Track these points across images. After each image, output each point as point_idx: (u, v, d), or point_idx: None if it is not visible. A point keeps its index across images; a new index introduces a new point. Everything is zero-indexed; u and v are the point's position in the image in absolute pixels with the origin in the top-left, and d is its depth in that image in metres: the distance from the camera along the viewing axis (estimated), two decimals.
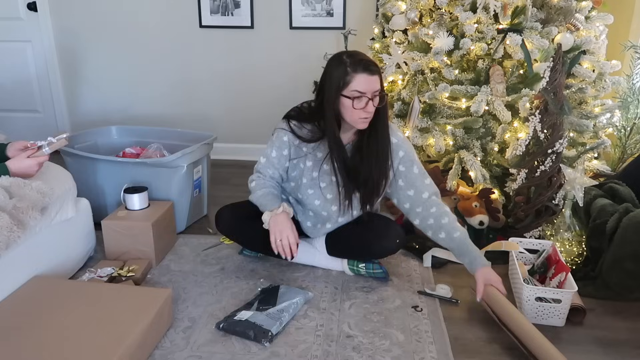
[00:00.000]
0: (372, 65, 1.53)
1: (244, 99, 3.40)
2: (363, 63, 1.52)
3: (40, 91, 3.48)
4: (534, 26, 2.12)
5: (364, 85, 1.52)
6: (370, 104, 1.54)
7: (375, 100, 1.55)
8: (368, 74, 1.52)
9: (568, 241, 1.92)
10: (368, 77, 1.52)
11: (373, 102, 1.54)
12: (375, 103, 1.55)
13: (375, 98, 1.55)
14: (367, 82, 1.52)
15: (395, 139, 1.70)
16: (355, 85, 1.52)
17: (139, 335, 1.33)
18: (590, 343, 1.52)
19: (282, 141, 1.72)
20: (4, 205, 1.49)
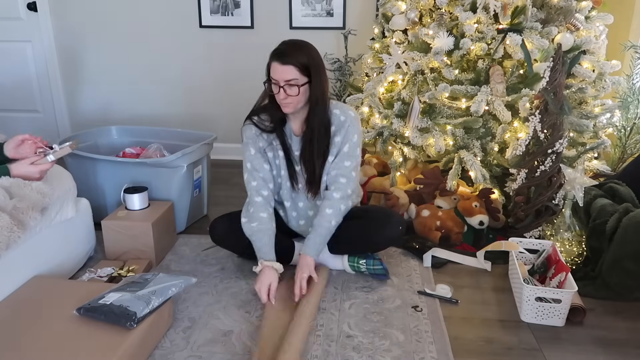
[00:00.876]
0: (284, 57, 1.59)
1: (244, 99, 3.39)
2: (278, 52, 1.61)
3: (40, 91, 3.48)
4: (534, 26, 2.12)
5: (275, 73, 1.61)
6: (282, 92, 1.60)
7: (288, 89, 1.60)
8: (279, 62, 1.59)
9: (568, 241, 1.92)
10: (278, 66, 1.59)
11: (285, 90, 1.60)
12: (288, 92, 1.61)
13: (288, 87, 1.60)
14: (277, 71, 1.59)
15: (344, 117, 1.74)
16: (271, 72, 1.63)
17: (139, 335, 1.33)
18: (590, 343, 1.52)
19: (250, 135, 1.78)
20: (4, 206, 1.49)
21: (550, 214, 1.96)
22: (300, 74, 1.60)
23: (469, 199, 2.19)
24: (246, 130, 1.80)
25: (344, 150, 1.75)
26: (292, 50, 1.61)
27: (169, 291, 1.48)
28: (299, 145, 1.77)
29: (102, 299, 1.41)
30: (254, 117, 1.78)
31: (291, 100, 1.63)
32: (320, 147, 1.72)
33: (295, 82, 1.60)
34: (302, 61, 1.60)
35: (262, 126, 1.77)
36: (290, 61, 1.59)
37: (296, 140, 1.78)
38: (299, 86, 1.61)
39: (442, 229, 2.12)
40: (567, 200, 1.92)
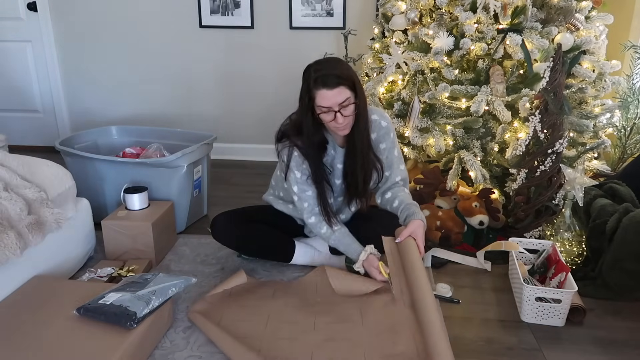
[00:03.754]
0: (332, 79, 1.49)
1: (244, 99, 3.40)
2: (321, 78, 1.49)
3: (40, 91, 3.48)
4: (534, 26, 2.12)
5: (326, 100, 1.51)
6: (339, 116, 1.52)
7: (344, 110, 1.52)
8: (327, 89, 1.49)
9: (568, 241, 1.92)
10: (327, 92, 1.50)
11: (342, 112, 1.52)
12: (345, 113, 1.53)
13: (344, 109, 1.52)
14: (328, 97, 1.50)
15: (385, 122, 1.73)
16: (318, 101, 1.52)
17: (139, 335, 1.33)
18: (590, 343, 1.52)
19: (295, 159, 1.69)
20: (17, 221, 1.50)
21: (550, 214, 1.96)
22: (350, 90, 1.52)
23: (469, 199, 2.19)
24: (289, 153, 1.68)
25: (395, 155, 1.77)
26: (332, 69, 1.52)
27: (169, 291, 1.48)
28: (342, 158, 1.74)
29: (102, 299, 1.41)
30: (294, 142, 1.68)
31: (348, 121, 1.56)
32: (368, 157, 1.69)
33: (348, 101, 1.52)
34: (345, 76, 1.52)
35: (304, 153, 1.68)
36: (339, 82, 1.50)
37: (341, 152, 1.73)
38: (354, 103, 1.54)
39: (442, 229, 2.12)
40: (567, 200, 1.92)
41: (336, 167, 1.75)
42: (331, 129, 1.61)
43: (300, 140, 1.66)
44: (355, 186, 1.74)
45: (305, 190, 1.72)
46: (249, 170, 3.26)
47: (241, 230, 1.82)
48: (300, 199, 1.73)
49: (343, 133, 1.61)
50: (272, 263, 1.94)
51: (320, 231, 1.73)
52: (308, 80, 1.53)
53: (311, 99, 1.53)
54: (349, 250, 1.73)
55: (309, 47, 3.22)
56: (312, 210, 1.73)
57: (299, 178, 1.71)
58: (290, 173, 1.71)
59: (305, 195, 1.72)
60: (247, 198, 1.78)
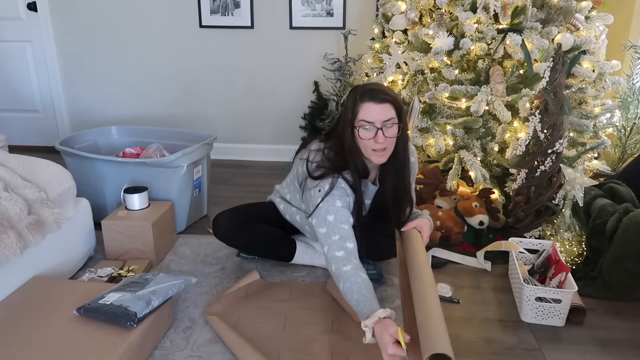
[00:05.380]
0: (380, 94, 1.45)
1: (244, 99, 3.40)
2: (370, 92, 1.46)
3: (40, 91, 3.48)
4: (534, 26, 2.12)
5: (370, 114, 1.45)
6: (380, 134, 1.45)
7: (387, 130, 1.46)
8: (375, 102, 1.44)
9: (568, 241, 1.92)
10: (374, 106, 1.44)
11: (384, 132, 1.45)
12: (387, 133, 1.46)
13: (386, 128, 1.46)
14: (374, 111, 1.44)
15: (413, 157, 1.70)
16: (362, 114, 1.46)
17: (139, 335, 1.33)
18: (590, 343, 1.52)
19: (342, 189, 1.53)
20: (17, 221, 1.50)
21: (550, 214, 1.96)
22: (395, 112, 1.46)
23: (469, 199, 2.19)
24: (335, 185, 1.52)
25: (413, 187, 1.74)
26: (381, 86, 1.49)
27: (169, 291, 1.48)
28: (372, 194, 1.67)
29: (102, 299, 1.41)
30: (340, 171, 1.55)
31: (389, 143, 1.47)
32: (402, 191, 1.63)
33: (392, 121, 1.45)
34: (394, 97, 1.46)
35: (350, 183, 1.56)
36: (386, 98, 1.45)
37: (372, 189, 1.66)
38: (398, 124, 1.47)
39: (442, 229, 2.12)
40: (567, 200, 1.92)
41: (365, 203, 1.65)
42: (367, 153, 1.51)
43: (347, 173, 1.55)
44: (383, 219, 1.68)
45: (342, 222, 1.47)
46: (249, 170, 3.26)
47: (243, 229, 1.81)
48: (333, 230, 1.46)
49: (379, 160, 1.50)
50: (272, 263, 1.94)
51: (343, 268, 1.38)
52: (355, 95, 1.48)
53: (355, 113, 1.46)
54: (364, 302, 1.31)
55: (309, 47, 3.22)
56: (342, 245, 1.43)
57: (339, 207, 1.49)
58: (328, 201, 1.50)
59: (340, 227, 1.46)
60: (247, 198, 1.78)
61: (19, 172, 1.67)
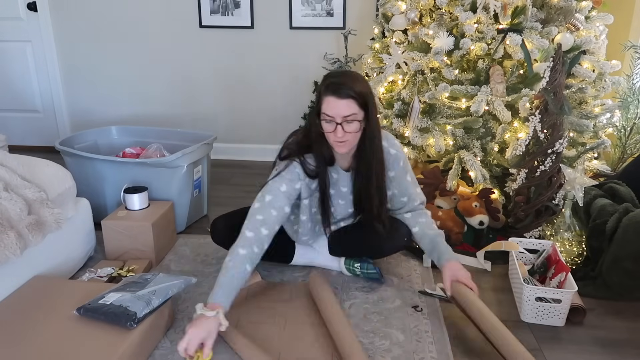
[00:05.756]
0: (344, 89, 1.42)
1: (244, 99, 3.40)
2: (334, 86, 1.44)
3: (40, 91, 3.48)
4: (534, 26, 2.12)
5: (331, 108, 1.44)
6: (340, 129, 1.45)
7: (346, 125, 1.45)
8: (336, 97, 1.43)
9: (568, 241, 1.92)
10: (336, 101, 1.43)
11: (343, 127, 1.45)
12: (347, 128, 1.46)
13: (346, 123, 1.45)
14: (334, 106, 1.44)
15: (394, 149, 1.67)
16: (324, 107, 1.46)
17: (139, 335, 1.33)
18: (590, 343, 1.52)
19: (294, 173, 1.58)
20: (17, 221, 1.50)
21: (550, 214, 1.96)
22: (359, 107, 1.45)
23: (469, 199, 2.19)
24: (289, 168, 1.58)
25: (407, 180, 1.71)
26: (347, 81, 1.45)
27: (169, 291, 1.48)
28: (348, 182, 1.68)
29: (102, 299, 1.41)
30: (300, 157, 1.59)
31: (348, 137, 1.48)
32: (378, 183, 1.62)
33: (354, 117, 1.45)
34: (360, 92, 1.44)
35: (308, 170, 1.59)
36: (349, 94, 1.43)
37: (345, 176, 1.67)
38: (359, 121, 1.47)
39: (442, 229, 2.12)
40: (567, 200, 1.92)
41: (340, 189, 1.70)
42: (330, 143, 1.54)
43: (310, 157, 1.59)
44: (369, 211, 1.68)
45: (274, 207, 1.53)
46: (249, 170, 3.26)
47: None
48: (262, 210, 1.52)
49: (341, 150, 1.53)
50: (271, 263, 1.94)
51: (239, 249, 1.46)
52: (322, 85, 1.49)
53: (319, 103, 1.49)
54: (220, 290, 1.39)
55: (309, 47, 3.22)
56: (258, 229, 1.49)
57: (282, 192, 1.55)
58: (276, 181, 1.57)
59: (270, 210, 1.52)
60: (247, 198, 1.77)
61: (19, 172, 1.67)
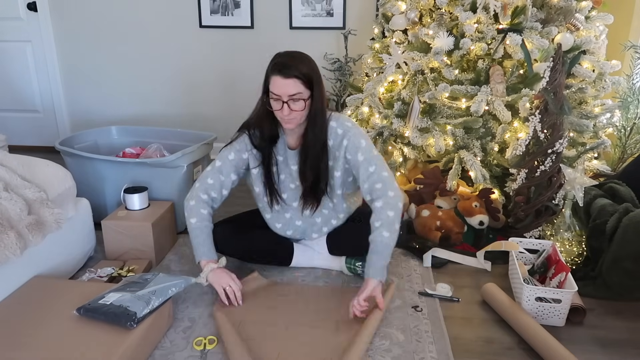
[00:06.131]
0: (289, 69, 1.49)
1: (244, 99, 3.40)
2: (280, 65, 1.50)
3: (40, 91, 3.48)
4: (534, 26, 2.12)
5: (277, 87, 1.51)
6: (286, 107, 1.52)
7: (292, 104, 1.52)
8: (281, 76, 1.50)
9: (568, 241, 1.92)
10: (282, 80, 1.50)
11: (289, 105, 1.52)
12: (293, 107, 1.53)
13: (292, 102, 1.52)
14: (281, 85, 1.50)
15: (341, 129, 1.65)
16: (271, 86, 1.53)
17: (139, 335, 1.33)
18: (590, 343, 1.52)
19: (242, 144, 1.71)
20: (17, 221, 1.50)
21: (550, 214, 1.96)
22: (304, 87, 1.52)
23: (469, 199, 2.19)
24: (240, 138, 1.72)
25: (359, 160, 1.63)
26: (293, 61, 1.51)
27: (169, 291, 1.49)
28: (295, 159, 1.71)
29: (102, 299, 1.41)
30: (250, 129, 1.70)
31: (295, 115, 1.55)
32: (317, 162, 1.66)
33: (299, 96, 1.52)
34: (305, 72, 1.51)
35: (255, 142, 1.70)
36: (294, 74, 1.49)
37: (292, 154, 1.71)
38: (305, 100, 1.54)
39: (442, 229, 2.12)
40: (567, 200, 1.92)
41: (290, 168, 1.73)
42: (279, 119, 1.60)
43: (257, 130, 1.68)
44: (306, 189, 1.71)
45: (221, 172, 1.70)
46: None
47: (240, 241, 1.81)
48: (212, 174, 1.71)
49: (288, 126, 1.59)
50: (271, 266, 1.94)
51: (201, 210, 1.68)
52: (270, 65, 1.54)
53: (267, 82, 1.55)
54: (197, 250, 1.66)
55: (309, 47, 3.19)
56: (208, 191, 1.70)
57: (229, 160, 1.70)
58: (227, 149, 1.71)
59: (218, 175, 1.70)
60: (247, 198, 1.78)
61: (19, 172, 1.67)
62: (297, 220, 1.82)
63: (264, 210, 1.83)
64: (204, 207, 1.69)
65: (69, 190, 1.81)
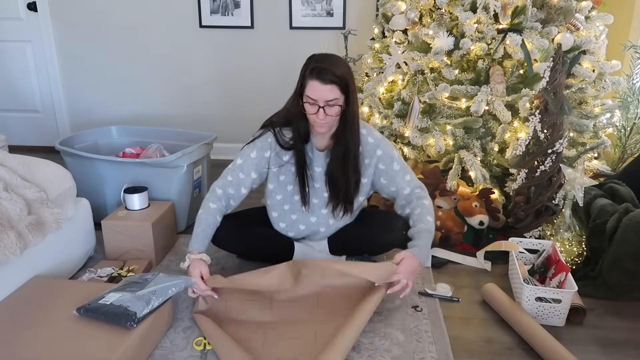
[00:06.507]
0: (328, 75, 1.49)
1: (244, 99, 3.40)
2: (318, 70, 1.50)
3: (40, 91, 3.48)
4: (534, 26, 2.12)
5: (315, 92, 1.51)
6: (322, 112, 1.52)
7: (328, 109, 1.52)
8: (320, 82, 1.49)
9: (568, 241, 1.92)
10: (319, 86, 1.50)
11: (325, 110, 1.52)
12: (328, 112, 1.53)
13: (328, 107, 1.52)
14: (318, 90, 1.50)
15: (372, 138, 1.70)
16: (308, 90, 1.53)
17: (139, 335, 1.33)
18: (590, 343, 1.52)
19: (266, 142, 1.70)
20: (17, 221, 1.50)
21: (550, 214, 1.97)
22: (341, 92, 1.52)
23: (469, 199, 2.19)
24: (263, 136, 1.71)
25: (395, 169, 1.71)
26: (331, 66, 1.51)
27: (169, 291, 1.48)
28: (323, 161, 1.71)
29: (102, 299, 1.41)
30: (276, 128, 1.69)
31: (329, 120, 1.55)
32: (353, 166, 1.67)
33: (336, 102, 1.52)
34: (342, 77, 1.51)
35: (281, 141, 1.68)
36: (332, 79, 1.49)
37: (320, 156, 1.71)
38: (340, 106, 1.54)
39: (442, 229, 2.12)
40: (567, 200, 1.92)
41: (314, 169, 1.73)
42: (311, 122, 1.60)
43: (288, 130, 1.67)
44: (337, 192, 1.71)
45: (242, 170, 1.70)
46: None
47: (240, 238, 1.81)
48: (233, 171, 1.70)
49: (320, 130, 1.59)
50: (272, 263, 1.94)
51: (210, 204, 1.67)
52: (306, 68, 1.54)
53: (303, 85, 1.54)
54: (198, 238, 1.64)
55: (309, 47, 3.18)
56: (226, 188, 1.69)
57: (252, 158, 1.70)
58: (249, 147, 1.71)
59: (238, 173, 1.69)
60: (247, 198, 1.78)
61: (19, 172, 1.67)
62: (300, 224, 1.82)
63: (272, 207, 1.82)
64: (214, 201, 1.68)
65: (69, 190, 1.81)
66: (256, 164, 1.71)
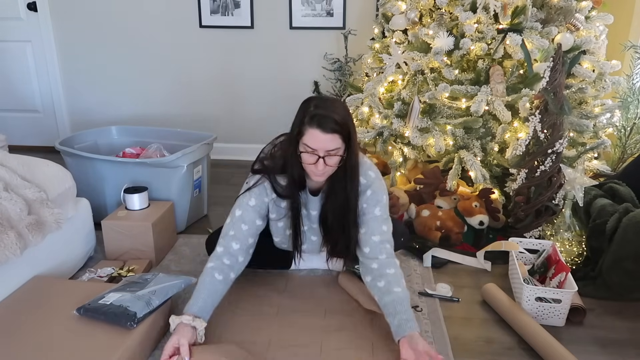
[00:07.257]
0: (330, 123, 1.35)
1: (244, 99, 3.40)
2: (320, 118, 1.35)
3: (40, 91, 3.48)
4: (534, 26, 2.12)
5: (315, 142, 1.37)
6: (321, 162, 1.39)
7: (328, 159, 1.39)
8: (321, 131, 1.35)
9: (568, 241, 1.92)
10: (320, 135, 1.36)
11: (325, 160, 1.39)
12: (328, 162, 1.40)
13: (329, 157, 1.39)
14: (319, 140, 1.36)
15: (365, 179, 1.54)
16: (307, 139, 1.38)
17: (139, 335, 1.33)
18: (590, 343, 1.52)
19: (263, 189, 1.55)
20: (17, 221, 1.50)
21: (550, 214, 1.97)
22: (342, 140, 1.38)
23: (469, 199, 2.19)
24: (259, 185, 1.55)
25: (376, 214, 1.53)
26: (332, 112, 1.36)
27: (169, 291, 1.49)
28: (318, 205, 1.60)
29: (102, 299, 1.41)
30: (271, 175, 1.54)
31: (328, 170, 1.42)
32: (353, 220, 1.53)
33: (336, 152, 1.39)
34: (343, 124, 1.37)
35: (278, 189, 1.54)
36: (334, 128, 1.35)
37: (314, 200, 1.59)
38: (341, 155, 1.41)
39: (442, 229, 2.12)
40: (567, 200, 1.92)
41: (310, 212, 1.62)
42: (307, 172, 1.47)
43: (282, 177, 1.53)
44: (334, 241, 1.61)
45: (244, 221, 1.53)
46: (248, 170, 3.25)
47: None
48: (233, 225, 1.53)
49: (317, 179, 1.46)
50: None
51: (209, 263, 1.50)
52: (304, 113, 1.39)
53: (301, 133, 1.40)
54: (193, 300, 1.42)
55: (309, 47, 3.22)
56: (228, 243, 1.52)
57: (251, 206, 1.54)
58: (246, 196, 1.55)
59: (240, 225, 1.53)
60: None
61: (19, 172, 1.67)
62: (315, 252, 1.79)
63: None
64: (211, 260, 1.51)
65: (69, 190, 1.81)
66: (258, 211, 1.56)
